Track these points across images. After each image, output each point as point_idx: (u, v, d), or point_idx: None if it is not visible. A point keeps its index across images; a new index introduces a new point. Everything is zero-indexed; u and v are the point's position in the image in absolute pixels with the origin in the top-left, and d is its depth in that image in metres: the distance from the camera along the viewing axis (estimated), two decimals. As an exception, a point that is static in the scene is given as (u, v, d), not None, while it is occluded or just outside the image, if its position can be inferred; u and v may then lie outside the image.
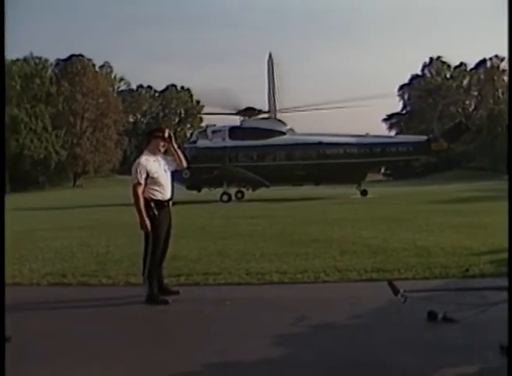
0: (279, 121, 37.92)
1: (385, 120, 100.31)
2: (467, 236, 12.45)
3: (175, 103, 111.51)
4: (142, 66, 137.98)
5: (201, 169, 33.12)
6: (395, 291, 6.90)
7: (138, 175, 7.65)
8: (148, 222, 7.58)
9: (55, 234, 15.72)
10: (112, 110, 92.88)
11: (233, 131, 35.42)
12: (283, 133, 35.92)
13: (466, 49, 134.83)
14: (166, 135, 7.87)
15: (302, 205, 27.44)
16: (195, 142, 36.50)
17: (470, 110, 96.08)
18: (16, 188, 63.29)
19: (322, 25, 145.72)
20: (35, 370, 5.29)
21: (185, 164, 8.17)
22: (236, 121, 37.33)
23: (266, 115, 38.69)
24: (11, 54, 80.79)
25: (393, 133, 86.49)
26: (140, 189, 7.64)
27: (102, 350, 5.75)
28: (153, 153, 7.91)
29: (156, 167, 7.79)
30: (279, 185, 36.60)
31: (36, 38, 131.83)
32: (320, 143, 34.74)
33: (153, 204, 7.67)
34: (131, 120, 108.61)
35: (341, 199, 31.60)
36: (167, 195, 7.88)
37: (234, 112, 37.04)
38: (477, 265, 9.11)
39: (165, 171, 7.91)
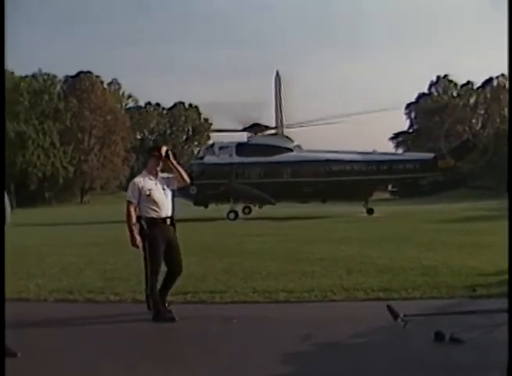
0: (286, 137, 37.87)
1: (392, 138, 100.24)
2: (474, 256, 12.43)
3: (183, 121, 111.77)
4: (149, 83, 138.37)
5: (208, 185, 33.44)
6: (395, 316, 6.89)
7: (130, 194, 7.80)
8: (138, 239, 7.65)
9: (62, 250, 15.76)
10: (120, 127, 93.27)
11: (240, 148, 35.34)
12: (290, 150, 35.86)
13: (474, 64, 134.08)
14: (163, 153, 7.88)
15: (308, 224, 27.41)
16: (202, 158, 36.67)
17: (477, 128, 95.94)
18: (22, 204, 63.40)
19: (329, 38, 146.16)
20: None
21: (188, 180, 8.14)
22: (244, 137, 37.40)
23: (273, 131, 38.71)
24: (20, 70, 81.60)
25: (400, 151, 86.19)
26: (132, 207, 7.75)
27: (108, 368, 5.76)
28: (150, 171, 7.96)
29: (151, 185, 7.82)
30: (286, 202, 36.52)
31: (44, 55, 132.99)
32: (327, 160, 34.73)
33: (143, 222, 7.72)
34: (139, 137, 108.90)
35: (348, 217, 31.58)
36: (163, 213, 7.85)
37: (241, 128, 37.12)
38: (484, 285, 9.10)
39: (164, 189, 7.92)
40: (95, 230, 25.30)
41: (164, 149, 7.95)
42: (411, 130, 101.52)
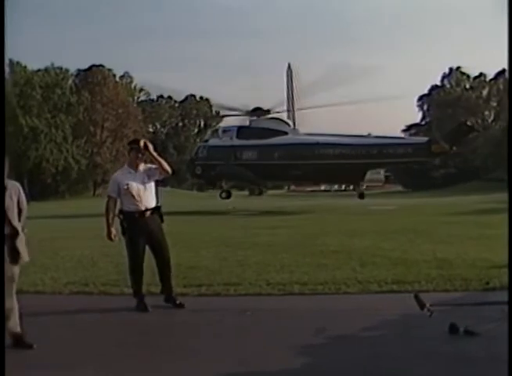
0: (284, 121, 38.67)
1: (404, 130, 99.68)
2: (487, 249, 12.35)
3: (195, 113, 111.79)
4: (161, 76, 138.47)
5: (211, 166, 35.70)
6: (421, 305, 6.87)
7: (110, 188, 8.09)
8: (114, 233, 7.95)
9: (76, 243, 15.82)
10: (132, 120, 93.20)
11: (241, 131, 36.43)
12: (286, 133, 36.33)
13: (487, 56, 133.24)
14: (141, 145, 7.96)
15: (320, 216, 27.41)
16: (207, 140, 39.04)
17: (490, 121, 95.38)
18: (36, 197, 63.71)
19: (338, 32, 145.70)
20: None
21: (169, 170, 8.13)
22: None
23: (273, 115, 39.14)
24: (33, 65, 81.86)
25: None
26: (111, 201, 7.99)
27: (122, 360, 5.81)
28: (131, 165, 8.08)
29: (130, 179, 7.93)
30: (278, 183, 37.46)
31: (57, 49, 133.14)
32: (317, 143, 34.66)
33: (122, 216, 7.94)
34: (151, 130, 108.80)
35: (360, 209, 31.54)
36: (143, 206, 7.96)
37: (243, 113, 37.95)
38: (498, 277, 9.07)
39: (144, 182, 8.00)
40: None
41: (142, 141, 8.06)
42: (423, 122, 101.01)
